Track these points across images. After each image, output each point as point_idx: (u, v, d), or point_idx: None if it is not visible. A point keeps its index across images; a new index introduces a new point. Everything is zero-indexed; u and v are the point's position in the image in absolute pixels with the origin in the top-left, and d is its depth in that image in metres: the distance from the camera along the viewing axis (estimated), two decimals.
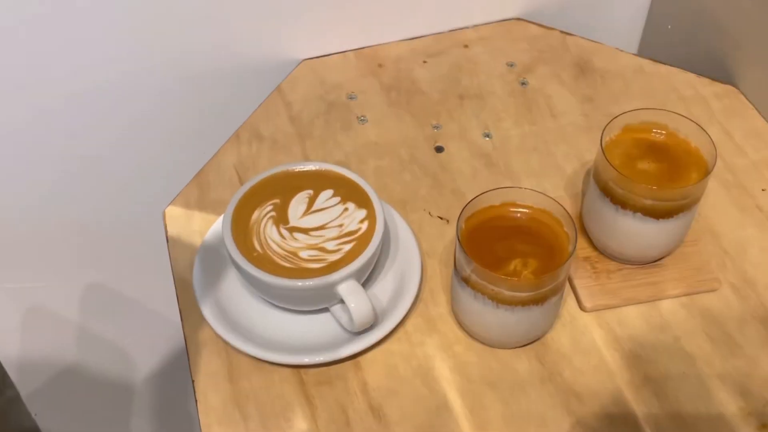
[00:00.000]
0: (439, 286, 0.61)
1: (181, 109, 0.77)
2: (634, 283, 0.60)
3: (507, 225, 0.56)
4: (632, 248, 0.59)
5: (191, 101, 0.77)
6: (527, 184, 0.68)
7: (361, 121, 0.74)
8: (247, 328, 0.58)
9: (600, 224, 0.60)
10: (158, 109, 0.75)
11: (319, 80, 0.77)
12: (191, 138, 0.78)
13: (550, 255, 0.54)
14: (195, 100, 0.77)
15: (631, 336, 0.58)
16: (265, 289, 0.56)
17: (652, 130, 0.59)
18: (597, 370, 0.57)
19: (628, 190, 0.56)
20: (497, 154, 0.71)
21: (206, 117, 0.78)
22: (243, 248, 0.55)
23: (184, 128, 0.78)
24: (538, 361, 0.57)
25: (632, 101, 0.75)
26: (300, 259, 0.55)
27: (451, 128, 0.73)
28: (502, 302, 0.53)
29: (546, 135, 0.72)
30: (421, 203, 0.67)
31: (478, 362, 0.57)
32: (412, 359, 0.57)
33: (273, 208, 0.58)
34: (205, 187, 0.68)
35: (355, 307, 0.54)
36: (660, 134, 0.59)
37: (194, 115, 0.78)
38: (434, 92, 0.76)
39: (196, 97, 0.77)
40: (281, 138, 0.72)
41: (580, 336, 0.59)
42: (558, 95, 0.76)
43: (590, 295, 0.60)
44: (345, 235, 0.57)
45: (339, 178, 0.60)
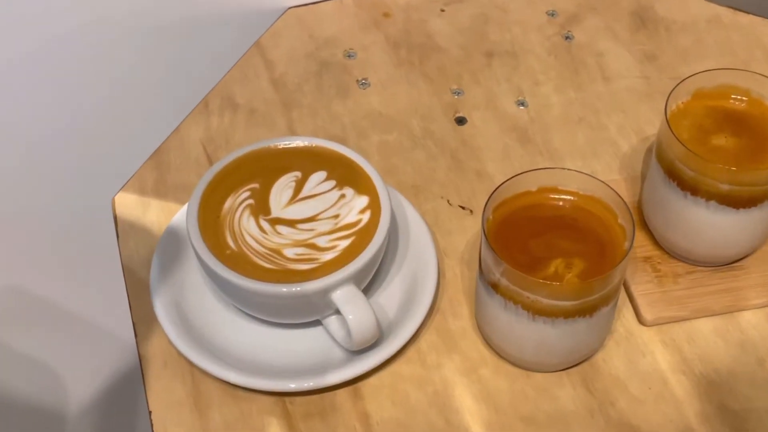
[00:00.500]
0: (460, 294, 0.62)
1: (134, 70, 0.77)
2: (708, 289, 0.61)
3: (546, 216, 0.56)
4: (705, 246, 0.59)
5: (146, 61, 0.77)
6: (571, 165, 0.68)
7: (361, 85, 0.74)
8: (218, 345, 0.58)
9: (664, 215, 0.60)
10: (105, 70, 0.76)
11: (308, 33, 0.78)
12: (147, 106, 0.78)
13: (600, 254, 0.54)
14: (151, 59, 0.77)
15: (703, 356, 0.59)
16: (241, 297, 0.56)
17: (731, 97, 0.59)
18: (660, 400, 0.57)
19: (699, 172, 0.56)
20: (534, 128, 0.71)
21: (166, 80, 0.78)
22: (213, 245, 0.55)
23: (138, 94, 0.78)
24: (585, 387, 0.57)
25: (705, 60, 0.75)
26: (285, 259, 0.55)
27: (475, 94, 0.73)
28: (540, 313, 0.53)
29: (596, 103, 0.72)
30: (437, 189, 0.67)
31: (510, 389, 0.57)
32: (426, 385, 0.58)
33: (251, 194, 0.58)
34: (164, 169, 0.68)
35: (353, 318, 0.54)
36: (740, 101, 0.59)
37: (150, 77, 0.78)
38: (454, 49, 0.76)
39: (153, 56, 0.77)
40: (261, 106, 0.72)
41: (638, 356, 0.59)
42: (611, 52, 0.76)
43: (651, 305, 0.60)
44: (341, 229, 0.57)
45: (334, 156, 0.60)
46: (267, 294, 0.54)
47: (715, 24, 0.77)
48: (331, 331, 0.58)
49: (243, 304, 0.58)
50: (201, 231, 0.56)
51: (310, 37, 0.77)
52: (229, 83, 0.74)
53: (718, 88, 0.60)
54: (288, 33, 0.77)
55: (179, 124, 0.71)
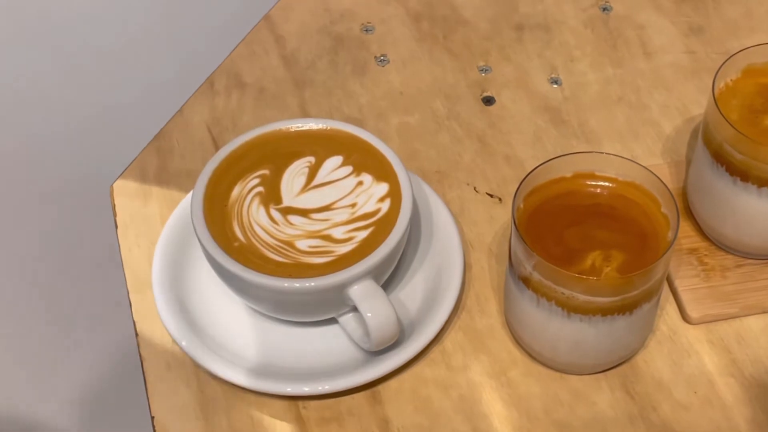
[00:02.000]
0: (488, 289, 0.62)
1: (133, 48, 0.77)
2: (759, 284, 0.60)
3: (582, 204, 0.56)
4: (756, 236, 0.59)
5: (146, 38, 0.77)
6: (610, 149, 0.68)
7: (380, 62, 0.74)
8: (225, 345, 0.58)
9: (712, 203, 0.60)
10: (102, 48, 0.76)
11: (322, 6, 0.78)
12: (147, 87, 0.79)
13: (641, 246, 0.54)
14: (152, 35, 0.77)
15: (754, 358, 0.58)
16: (250, 292, 0.56)
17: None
18: (707, 405, 0.57)
19: (750, 156, 0.55)
20: (569, 108, 0.71)
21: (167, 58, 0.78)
22: (219, 237, 0.56)
23: (138, 74, 0.78)
24: (625, 391, 0.57)
25: (756, 33, 0.74)
26: (297, 252, 0.55)
27: (504, 72, 0.73)
28: (576, 310, 0.53)
29: (637, 80, 0.72)
30: (463, 175, 0.67)
31: (542, 393, 0.57)
32: (451, 389, 0.58)
33: (260, 181, 0.58)
34: (167, 154, 0.69)
35: (372, 316, 0.54)
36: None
37: (151, 55, 0.78)
38: (482, 22, 0.76)
39: (154, 32, 0.77)
40: (270, 86, 0.72)
41: (683, 357, 0.59)
42: (653, 25, 0.75)
43: (697, 302, 0.60)
44: (359, 219, 0.57)
45: (351, 140, 0.60)
46: (278, 290, 0.54)
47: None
48: (347, 330, 0.58)
49: (252, 301, 0.58)
50: (207, 222, 0.56)
51: (325, 10, 0.77)
52: (236, 61, 0.74)
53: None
54: (300, 5, 0.77)
55: (182, 106, 0.71)
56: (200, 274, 0.60)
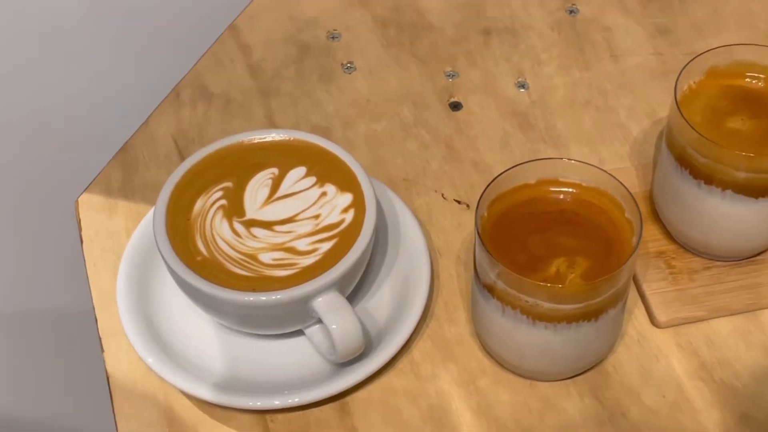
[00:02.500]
0: (457, 297, 0.62)
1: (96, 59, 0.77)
2: (727, 286, 0.60)
3: (546, 211, 0.56)
4: (722, 239, 0.59)
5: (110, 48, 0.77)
6: (577, 153, 0.68)
7: (347, 69, 0.74)
8: (192, 360, 0.58)
9: (677, 207, 0.60)
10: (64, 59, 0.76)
11: (287, 14, 0.77)
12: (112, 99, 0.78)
13: (606, 252, 0.54)
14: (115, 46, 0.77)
15: (723, 360, 0.58)
16: (215, 307, 0.56)
17: (746, 74, 0.59)
18: (676, 409, 0.57)
19: (713, 159, 0.55)
20: (536, 112, 0.71)
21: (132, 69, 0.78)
22: (182, 251, 0.55)
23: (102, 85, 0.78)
24: (594, 397, 0.57)
25: (723, 33, 0.74)
26: (261, 265, 0.55)
27: (472, 77, 0.73)
28: (541, 318, 0.53)
29: (604, 83, 0.72)
30: (431, 182, 0.67)
31: (512, 401, 0.57)
32: (420, 398, 0.58)
33: (223, 194, 0.58)
34: (132, 167, 0.69)
35: (337, 328, 0.54)
36: (758, 79, 0.59)
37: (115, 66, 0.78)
38: (448, 27, 0.76)
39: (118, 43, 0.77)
40: (237, 96, 0.72)
41: (651, 362, 0.59)
42: (620, 27, 0.75)
43: (665, 305, 0.60)
44: (323, 230, 0.57)
45: (314, 150, 0.60)
46: (241, 304, 0.54)
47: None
48: (314, 342, 0.57)
49: (217, 315, 0.58)
50: (169, 236, 0.56)
51: (290, 18, 0.77)
52: (201, 71, 0.74)
53: (733, 65, 0.59)
54: (265, 14, 0.77)
55: (148, 118, 0.71)
56: (166, 288, 0.60)
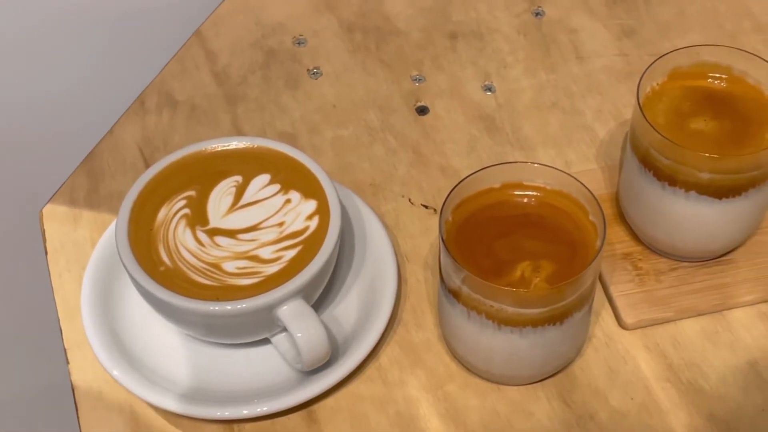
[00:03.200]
0: (425, 302, 0.62)
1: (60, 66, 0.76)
2: (693, 287, 0.61)
3: (511, 215, 0.56)
4: (687, 240, 0.59)
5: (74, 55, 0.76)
6: (544, 155, 0.68)
7: (313, 75, 0.74)
8: (158, 371, 0.58)
9: (642, 208, 0.60)
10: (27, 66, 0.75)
11: (253, 19, 0.77)
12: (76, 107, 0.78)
13: (571, 255, 0.54)
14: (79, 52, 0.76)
15: (689, 361, 0.59)
16: (179, 317, 0.56)
17: (709, 75, 0.59)
18: (643, 411, 0.57)
19: (676, 161, 0.56)
20: (503, 115, 0.71)
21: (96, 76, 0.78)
22: (145, 261, 0.55)
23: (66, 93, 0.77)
24: (562, 400, 0.57)
25: (688, 34, 0.74)
26: (225, 274, 0.55)
27: (438, 81, 0.73)
28: (507, 323, 0.53)
29: (570, 86, 0.72)
30: (398, 187, 0.67)
31: (480, 406, 0.57)
32: (388, 405, 0.58)
33: (186, 203, 0.58)
34: (98, 176, 0.68)
35: (302, 336, 0.54)
36: (721, 80, 0.59)
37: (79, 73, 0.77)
38: (415, 31, 0.76)
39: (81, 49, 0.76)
40: (202, 103, 0.72)
41: (619, 363, 0.59)
42: (586, 29, 0.76)
43: (632, 307, 0.60)
44: (287, 238, 0.57)
45: (278, 157, 0.60)
46: (205, 313, 0.54)
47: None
48: (280, 350, 0.57)
49: (182, 325, 0.57)
50: (132, 246, 0.56)
51: (256, 24, 0.77)
52: (166, 78, 0.73)
53: (696, 66, 0.59)
54: (231, 20, 0.77)
55: (113, 126, 0.71)
56: (132, 298, 0.60)
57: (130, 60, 0.77)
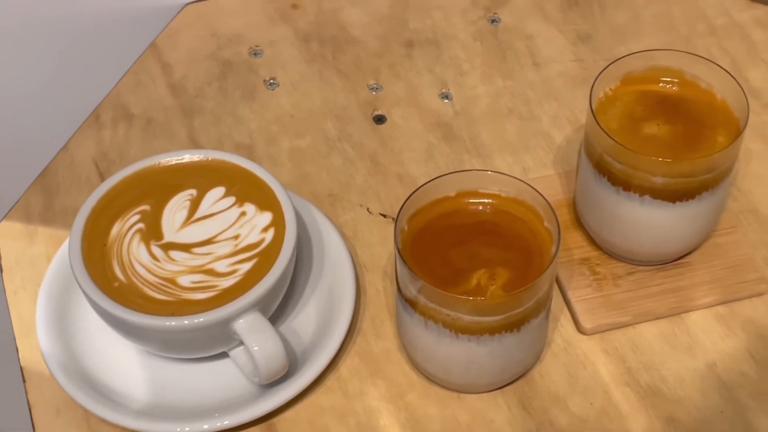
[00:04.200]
0: (384, 312, 0.62)
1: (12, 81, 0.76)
2: (651, 291, 0.61)
3: (467, 223, 0.56)
4: (643, 244, 0.60)
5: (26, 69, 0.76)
6: (502, 162, 0.68)
7: (270, 85, 0.74)
8: (115, 388, 0.57)
9: (598, 213, 0.60)
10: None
11: (209, 31, 0.77)
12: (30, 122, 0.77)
13: (527, 262, 0.54)
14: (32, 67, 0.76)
15: (648, 364, 0.59)
16: (134, 333, 0.55)
17: (661, 79, 0.60)
18: (603, 415, 0.57)
19: (630, 166, 0.56)
20: (460, 122, 0.71)
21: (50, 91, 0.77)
22: (98, 277, 0.55)
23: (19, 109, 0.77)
24: (522, 407, 0.57)
25: (643, 38, 0.75)
26: (180, 288, 0.55)
27: (395, 89, 0.73)
28: (464, 331, 0.53)
29: (526, 92, 0.72)
30: (356, 197, 0.67)
31: (440, 414, 0.57)
32: (348, 416, 0.57)
33: (140, 218, 0.57)
34: (53, 191, 0.68)
35: (259, 350, 0.54)
36: (671, 84, 0.60)
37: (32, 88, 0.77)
38: (371, 40, 0.76)
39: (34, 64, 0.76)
40: (158, 116, 0.72)
41: (578, 369, 0.59)
42: (542, 35, 0.76)
43: (590, 312, 0.60)
44: (242, 251, 0.56)
45: (233, 169, 0.60)
46: (160, 329, 0.53)
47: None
48: (238, 364, 0.57)
49: (138, 341, 0.57)
50: (85, 262, 0.55)
51: (212, 35, 0.77)
52: (122, 91, 0.73)
53: (649, 70, 0.60)
54: (187, 32, 0.77)
55: (68, 141, 0.70)
56: (88, 315, 0.59)
57: (84, 74, 0.76)
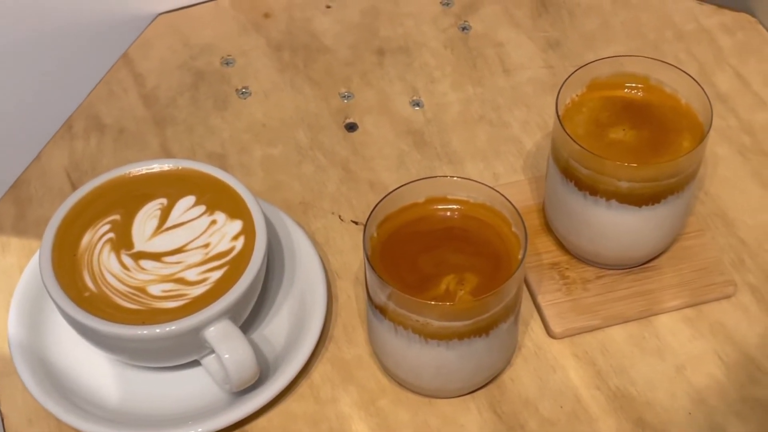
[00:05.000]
0: (356, 318, 0.62)
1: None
2: (619, 294, 0.61)
3: (436, 229, 0.56)
4: (611, 248, 0.60)
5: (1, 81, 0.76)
6: (473, 168, 0.69)
7: (241, 94, 0.74)
8: (88, 397, 0.57)
9: (566, 218, 0.61)
10: None
11: (181, 41, 0.77)
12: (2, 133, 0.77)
13: (495, 267, 0.55)
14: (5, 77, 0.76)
15: (618, 367, 0.59)
16: (105, 342, 0.56)
17: (626, 85, 0.60)
18: (573, 418, 0.58)
19: (596, 171, 0.56)
20: (431, 129, 0.71)
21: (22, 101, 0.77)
22: (69, 287, 0.55)
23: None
24: (493, 411, 0.58)
25: (612, 44, 0.76)
26: (150, 297, 0.55)
27: (366, 97, 0.73)
28: (433, 336, 0.53)
29: (497, 98, 0.73)
30: (328, 204, 0.67)
31: (412, 419, 0.58)
32: (321, 422, 0.58)
33: (111, 227, 0.58)
34: (25, 203, 0.68)
35: (229, 358, 0.54)
36: (636, 90, 0.60)
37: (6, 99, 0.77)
38: (343, 48, 0.76)
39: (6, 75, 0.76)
40: (130, 126, 0.72)
41: (548, 373, 0.59)
42: (512, 42, 0.76)
43: (560, 316, 0.61)
44: (213, 259, 0.57)
45: (203, 178, 0.60)
46: (131, 338, 0.54)
47: (622, 4, 0.78)
48: (210, 372, 0.57)
49: (109, 350, 0.57)
50: (55, 273, 0.55)
51: (184, 45, 0.77)
52: (94, 102, 0.73)
53: (614, 76, 0.60)
54: (159, 42, 0.77)
55: (40, 152, 0.70)
56: (59, 325, 0.59)
57: (56, 84, 0.76)
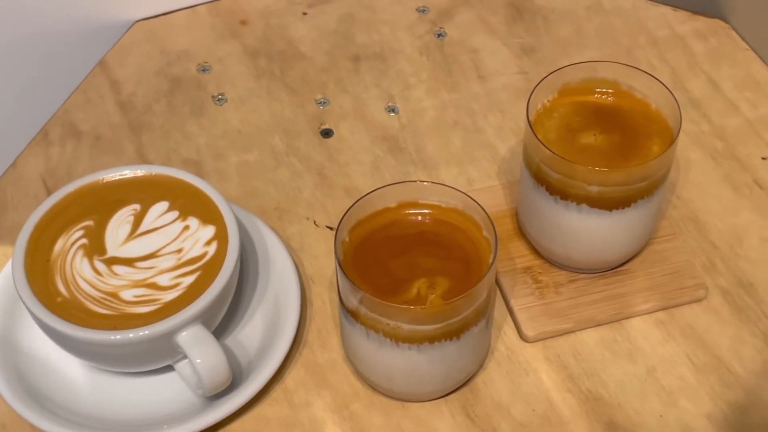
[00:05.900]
0: (330, 323, 0.62)
1: None
2: (591, 298, 0.62)
3: (407, 234, 0.57)
4: (583, 252, 0.61)
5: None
6: (447, 174, 0.69)
7: (218, 101, 0.74)
8: (62, 403, 0.57)
9: (539, 222, 0.61)
10: None
11: (158, 48, 0.77)
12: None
13: (466, 271, 0.55)
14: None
15: (590, 370, 0.60)
16: (77, 348, 0.56)
17: (596, 90, 0.61)
18: (545, 422, 0.58)
19: (565, 175, 0.57)
20: (406, 135, 0.72)
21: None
22: (41, 293, 0.55)
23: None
24: (466, 414, 0.58)
25: (586, 50, 0.76)
26: (122, 302, 0.55)
27: (342, 103, 0.74)
28: (405, 340, 0.54)
29: (471, 104, 0.73)
30: (303, 210, 0.68)
31: (385, 423, 0.58)
32: (294, 426, 0.58)
33: (84, 233, 0.58)
34: (0, 209, 0.68)
35: (201, 362, 0.54)
36: (607, 95, 0.61)
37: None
38: (319, 55, 0.77)
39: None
40: (107, 132, 0.72)
41: (521, 376, 0.60)
42: (487, 48, 0.77)
43: (533, 319, 0.61)
44: (185, 264, 0.57)
45: (176, 184, 0.60)
46: (104, 343, 0.54)
47: (596, 10, 0.79)
48: (183, 377, 0.57)
49: (81, 356, 0.57)
50: (28, 278, 0.55)
51: (161, 52, 0.77)
52: (70, 109, 0.73)
53: (585, 82, 0.61)
54: (136, 49, 0.77)
55: (16, 158, 0.70)
56: (33, 331, 0.59)
57: (33, 91, 0.76)
